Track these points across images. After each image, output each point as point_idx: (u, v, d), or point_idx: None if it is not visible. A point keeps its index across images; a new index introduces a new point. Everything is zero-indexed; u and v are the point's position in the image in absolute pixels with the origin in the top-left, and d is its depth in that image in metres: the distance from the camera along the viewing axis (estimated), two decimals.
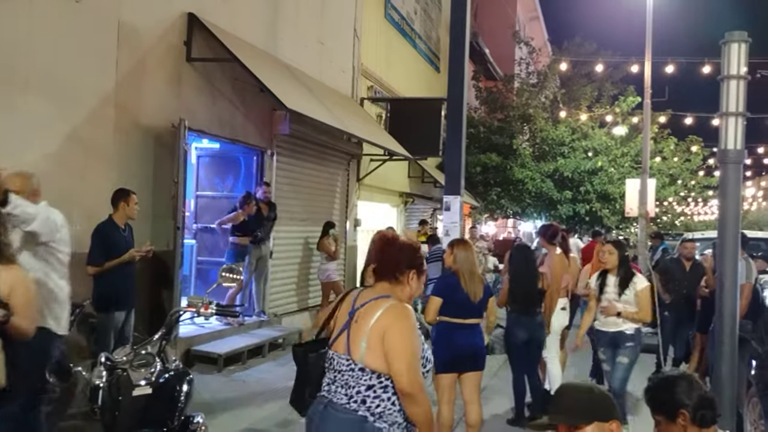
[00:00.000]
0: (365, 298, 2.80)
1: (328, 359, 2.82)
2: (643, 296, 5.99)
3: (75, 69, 6.28)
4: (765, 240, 13.69)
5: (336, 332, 2.82)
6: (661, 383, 2.64)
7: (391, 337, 2.62)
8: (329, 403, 2.74)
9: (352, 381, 2.69)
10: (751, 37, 4.09)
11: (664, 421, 2.57)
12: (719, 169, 4.26)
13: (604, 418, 2.17)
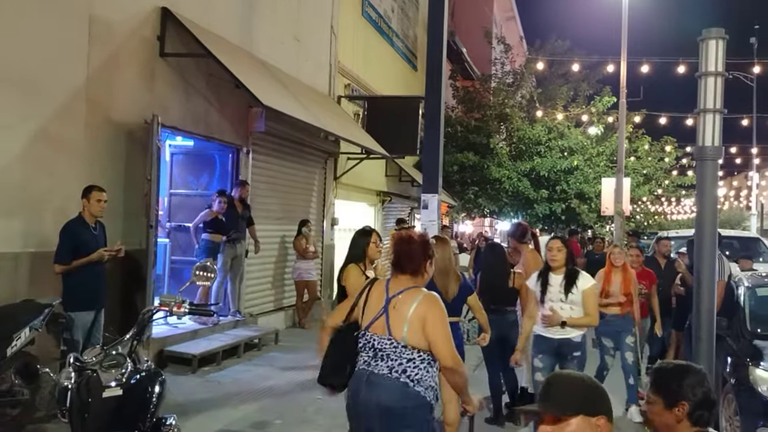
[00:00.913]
0: (396, 288, 3.33)
1: (365, 340, 3.32)
2: (590, 296, 5.26)
3: (44, 64, 6.12)
4: (737, 238, 13.92)
5: (371, 317, 3.32)
6: (675, 369, 2.58)
7: (431, 323, 3.20)
8: (370, 374, 3.26)
9: (394, 356, 3.23)
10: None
11: (660, 405, 2.51)
12: (696, 165, 4.27)
13: (592, 412, 2.06)
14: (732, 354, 5.97)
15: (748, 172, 38.67)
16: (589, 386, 2.14)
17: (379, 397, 3.21)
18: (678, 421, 2.49)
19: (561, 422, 2.04)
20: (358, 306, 3.42)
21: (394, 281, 3.37)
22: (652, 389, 2.57)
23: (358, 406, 3.30)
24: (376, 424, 3.22)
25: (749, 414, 5.25)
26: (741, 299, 6.63)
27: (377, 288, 3.41)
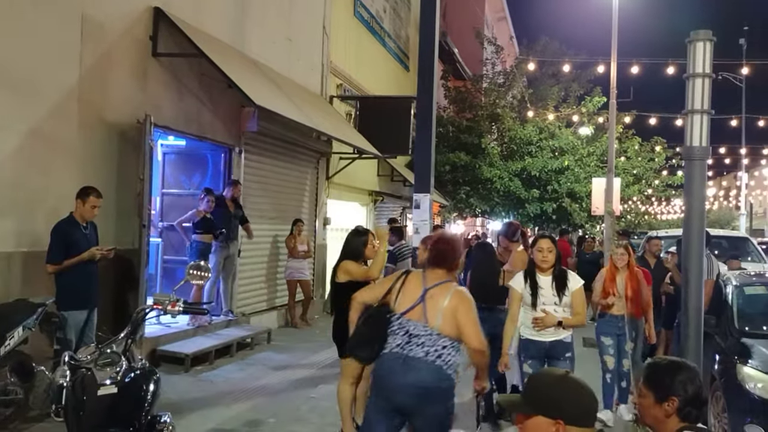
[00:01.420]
0: (432, 281, 3.72)
1: (399, 324, 3.66)
2: (578, 297, 5.19)
3: (37, 63, 6.13)
4: (726, 238, 14.03)
5: (408, 304, 3.68)
6: (668, 365, 2.62)
7: (463, 312, 3.61)
8: (406, 357, 3.59)
9: (429, 342, 3.59)
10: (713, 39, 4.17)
11: (651, 399, 2.55)
12: (684, 165, 4.33)
13: (551, 414, 2.02)
14: (720, 352, 6.03)
15: (737, 172, 38.96)
16: (559, 387, 2.09)
17: (417, 377, 3.54)
18: (667, 416, 2.53)
19: (527, 419, 2.06)
20: (393, 291, 3.76)
21: (431, 274, 3.75)
22: (645, 383, 2.60)
23: (392, 385, 3.59)
24: (411, 401, 3.56)
25: (737, 411, 5.31)
26: (729, 298, 6.70)
27: (414, 278, 3.78)
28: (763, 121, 26.82)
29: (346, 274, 5.16)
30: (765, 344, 5.77)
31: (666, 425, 2.55)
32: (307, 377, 7.58)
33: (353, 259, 5.21)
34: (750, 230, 34.99)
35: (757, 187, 49.35)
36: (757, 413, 5.14)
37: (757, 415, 5.14)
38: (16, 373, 3.17)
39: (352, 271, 5.14)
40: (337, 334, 5.33)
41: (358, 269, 5.15)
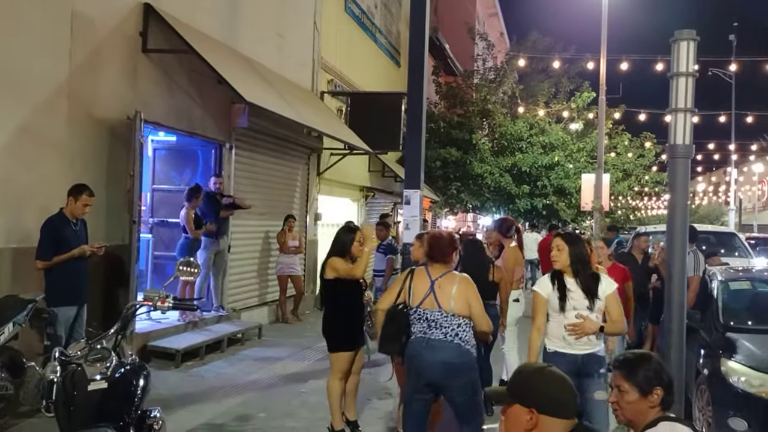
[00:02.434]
0: (437, 273, 4.33)
1: (417, 315, 4.27)
2: (614, 301, 4.44)
3: (26, 59, 6.12)
4: (713, 233, 14.15)
5: (420, 297, 4.28)
6: (641, 357, 2.69)
7: (473, 298, 4.27)
8: (429, 340, 4.20)
9: (446, 324, 4.21)
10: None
11: (635, 394, 2.60)
12: (668, 163, 4.39)
13: (524, 403, 2.09)
14: (705, 346, 6.10)
15: (726, 168, 39.21)
16: (536, 377, 2.15)
17: (442, 356, 4.15)
18: (652, 407, 2.59)
19: (508, 408, 2.14)
20: (404, 290, 4.36)
21: (432, 268, 4.36)
22: (626, 379, 2.64)
23: (421, 366, 4.21)
24: (439, 377, 4.18)
25: (721, 404, 5.38)
26: (714, 292, 6.77)
27: (419, 274, 4.38)
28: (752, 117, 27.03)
29: (333, 271, 5.21)
30: (749, 338, 5.84)
31: (646, 417, 2.61)
32: (298, 372, 7.63)
33: (340, 255, 5.26)
34: (739, 226, 35.24)
35: (746, 183, 49.66)
36: (741, 406, 5.22)
37: (740, 408, 5.22)
38: (7, 369, 3.20)
39: (338, 268, 5.19)
40: (326, 329, 5.37)
41: (343, 267, 5.20)
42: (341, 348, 5.27)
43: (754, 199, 47.84)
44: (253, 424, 5.72)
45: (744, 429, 5.11)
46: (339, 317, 5.30)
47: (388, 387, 6.45)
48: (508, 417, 2.11)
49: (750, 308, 6.77)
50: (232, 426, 5.68)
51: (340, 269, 5.19)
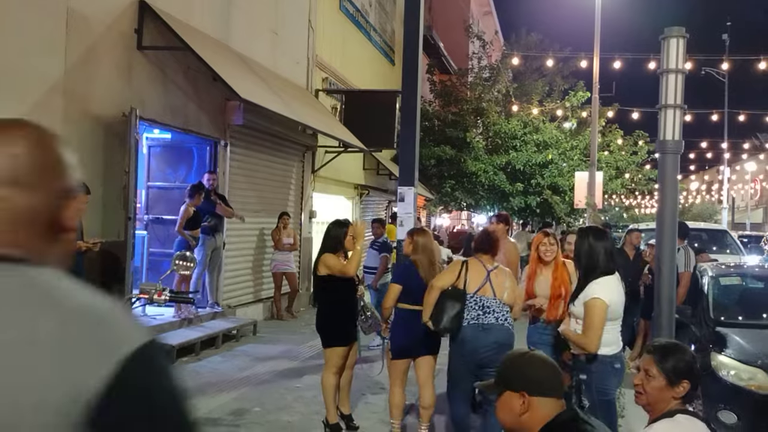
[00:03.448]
0: (490, 265, 4.90)
1: (474, 300, 4.75)
2: (590, 309, 4.12)
3: (22, 57, 6.14)
4: (705, 230, 14.25)
5: (477, 285, 4.77)
6: (680, 347, 2.73)
7: (516, 290, 4.96)
8: (483, 324, 4.70)
9: (498, 310, 4.76)
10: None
11: (663, 382, 2.63)
12: (658, 158, 4.46)
13: (515, 388, 2.15)
14: (696, 341, 6.18)
15: (719, 166, 39.41)
16: (523, 363, 2.22)
17: (495, 337, 4.67)
18: (676, 398, 2.62)
19: (500, 396, 2.21)
20: (461, 276, 4.79)
21: (485, 259, 4.90)
22: (656, 365, 2.65)
23: (477, 347, 4.69)
24: (491, 356, 4.55)
25: (711, 398, 5.45)
26: (705, 288, 6.85)
27: (474, 264, 4.89)
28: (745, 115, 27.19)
29: (325, 267, 5.24)
30: (739, 333, 5.92)
31: (667, 405, 2.63)
32: (293, 368, 7.67)
33: (332, 251, 5.30)
34: (732, 224, 35.46)
35: (739, 181, 49.91)
36: (730, 400, 5.30)
37: (730, 401, 5.30)
38: None
39: (330, 265, 5.21)
40: (320, 324, 5.42)
41: (336, 263, 5.22)
42: (335, 343, 5.32)
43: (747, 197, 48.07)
44: (249, 418, 5.77)
45: (734, 422, 5.20)
46: (332, 313, 5.35)
47: (381, 381, 6.50)
48: (501, 405, 2.18)
49: (740, 303, 6.86)
50: (228, 420, 5.72)
51: (332, 266, 5.21)
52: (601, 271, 4.15)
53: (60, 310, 1.02)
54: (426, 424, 5.15)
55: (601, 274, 4.14)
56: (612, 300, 4.16)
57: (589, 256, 4.21)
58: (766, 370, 5.27)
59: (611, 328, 4.26)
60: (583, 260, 4.25)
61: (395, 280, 5.20)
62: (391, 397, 5.16)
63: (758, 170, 47.14)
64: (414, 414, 5.64)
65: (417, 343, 5.04)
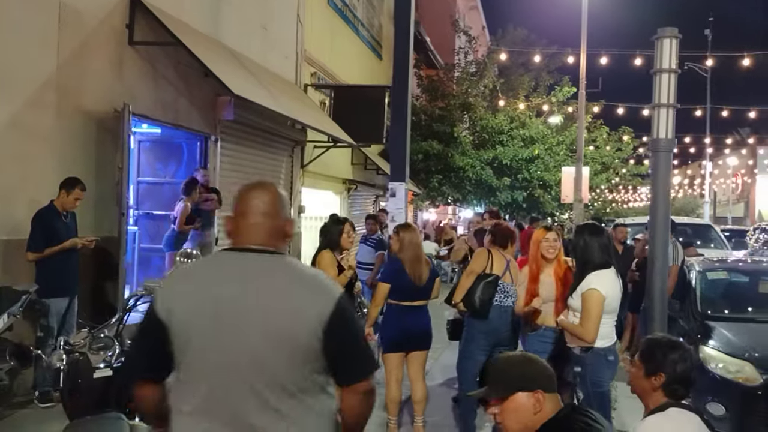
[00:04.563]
0: (508, 256, 5.48)
1: (497, 285, 5.23)
2: (586, 300, 4.24)
3: (15, 52, 6.11)
4: (690, 225, 14.45)
5: (500, 272, 5.28)
6: (664, 342, 2.84)
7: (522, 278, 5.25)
8: (503, 307, 5.22)
9: (514, 295, 5.24)
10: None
11: (642, 372, 2.77)
12: (651, 156, 4.55)
13: (529, 388, 2.20)
14: (684, 334, 6.30)
15: (701, 161, 39.86)
16: (524, 364, 2.28)
17: (510, 318, 5.23)
18: (653, 390, 2.75)
19: (504, 401, 2.21)
20: (488, 264, 5.30)
21: (504, 251, 5.44)
22: (639, 356, 2.82)
23: (499, 328, 5.22)
24: (508, 335, 5.28)
25: (700, 390, 5.53)
26: (692, 282, 6.99)
27: (496, 254, 5.39)
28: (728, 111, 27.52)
29: (322, 268, 5.22)
30: (726, 326, 6.05)
31: (652, 397, 2.76)
32: None
33: (330, 247, 5.34)
34: (713, 218, 35.90)
35: (721, 176, 50.51)
36: (719, 392, 5.42)
37: (718, 393, 5.42)
38: (15, 358, 3.27)
39: (326, 269, 5.15)
40: None
41: (331, 270, 5.20)
42: None
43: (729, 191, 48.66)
44: None
45: (722, 413, 5.31)
46: None
47: (375, 376, 6.54)
48: (512, 409, 2.18)
49: (727, 297, 7.00)
50: None
51: (327, 271, 5.14)
52: (597, 265, 4.25)
53: (302, 273, 2.16)
54: (420, 417, 5.23)
55: (597, 268, 4.24)
56: (608, 293, 4.28)
57: (585, 251, 4.32)
58: (753, 363, 5.39)
59: (606, 321, 4.37)
60: (579, 255, 4.36)
61: (384, 280, 5.18)
62: (388, 392, 5.21)
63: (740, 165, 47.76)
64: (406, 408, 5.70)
65: (408, 338, 5.10)
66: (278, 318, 1.99)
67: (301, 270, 2.16)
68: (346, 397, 2.14)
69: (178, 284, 2.17)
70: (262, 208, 2.16)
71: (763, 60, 19.24)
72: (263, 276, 2.08)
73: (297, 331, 1.99)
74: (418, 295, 5.15)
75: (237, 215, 2.20)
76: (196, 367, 2.02)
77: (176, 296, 2.08)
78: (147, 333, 2.15)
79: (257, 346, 1.98)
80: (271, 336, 1.98)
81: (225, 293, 2.02)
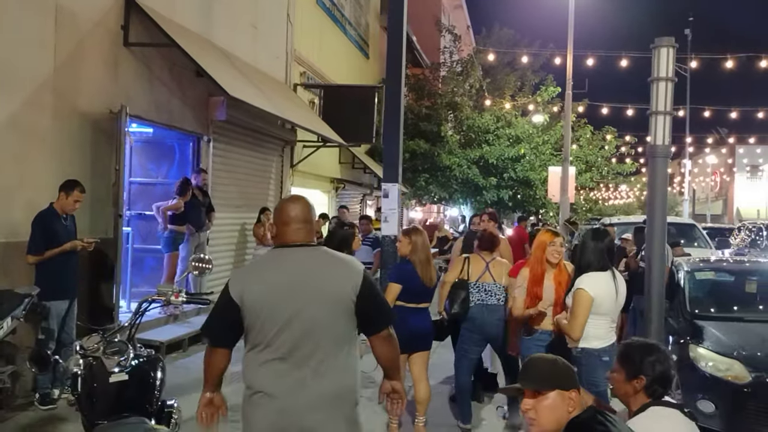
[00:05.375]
0: (488, 258, 5.78)
1: (476, 287, 5.63)
2: (574, 302, 4.43)
3: (13, 54, 6.10)
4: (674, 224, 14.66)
5: (479, 273, 5.67)
6: (641, 346, 2.97)
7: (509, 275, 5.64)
8: (487, 305, 5.60)
9: (498, 293, 5.63)
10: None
11: (623, 376, 2.90)
12: (648, 162, 4.67)
13: (566, 387, 2.40)
14: (674, 333, 6.43)
15: (681, 159, 40.41)
16: (561, 366, 2.48)
17: (497, 315, 5.58)
18: (635, 392, 2.87)
19: (540, 396, 2.38)
20: (463, 270, 5.71)
21: (484, 255, 5.80)
22: (618, 361, 2.95)
23: (484, 324, 5.59)
24: (496, 330, 5.61)
25: (690, 388, 5.69)
26: (681, 282, 7.12)
27: (474, 259, 5.79)
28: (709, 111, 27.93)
29: None
30: (715, 326, 6.18)
31: (635, 399, 2.89)
32: None
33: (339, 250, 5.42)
34: (693, 215, 36.42)
35: (701, 174, 51.22)
36: (709, 390, 5.54)
37: (708, 391, 5.54)
38: (35, 363, 3.30)
39: None
40: None
41: None
42: None
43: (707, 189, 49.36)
44: None
45: (712, 410, 5.45)
46: None
47: (372, 376, 6.63)
48: (546, 406, 2.35)
49: (716, 297, 7.14)
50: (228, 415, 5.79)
51: None
52: (595, 269, 4.37)
53: (337, 256, 2.94)
54: (422, 417, 5.32)
55: (595, 271, 4.36)
56: (598, 294, 4.41)
57: (584, 254, 4.44)
58: (742, 361, 5.53)
59: (600, 323, 4.49)
60: (579, 257, 4.50)
61: (395, 280, 5.26)
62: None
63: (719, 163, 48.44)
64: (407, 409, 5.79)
65: (412, 339, 5.18)
66: (327, 289, 2.79)
67: (335, 254, 2.97)
68: (375, 344, 2.94)
69: (247, 275, 2.99)
70: (301, 216, 2.91)
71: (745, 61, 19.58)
72: (311, 261, 2.86)
73: (340, 296, 2.79)
74: (425, 297, 5.26)
75: (281, 224, 2.93)
76: (269, 329, 2.77)
77: (246, 284, 2.83)
78: (223, 312, 2.89)
79: (315, 309, 2.76)
80: (324, 301, 2.78)
81: (287, 276, 2.81)
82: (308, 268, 2.84)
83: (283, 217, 2.91)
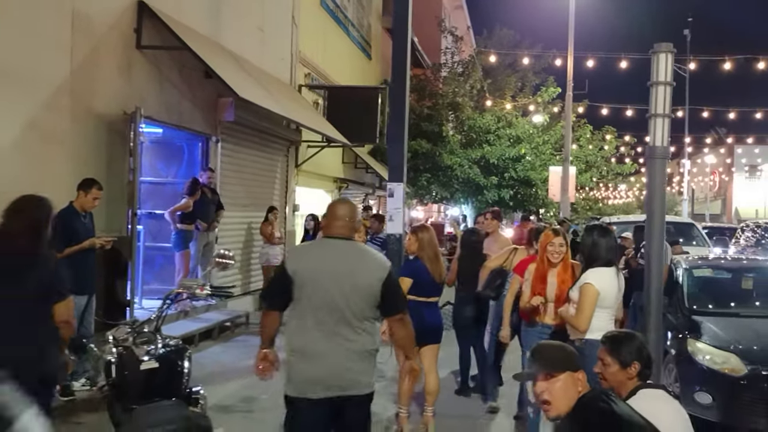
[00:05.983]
0: (532, 251, 5.77)
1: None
2: (581, 295, 4.54)
3: (32, 58, 6.30)
4: (673, 223, 14.85)
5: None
6: (625, 336, 3.23)
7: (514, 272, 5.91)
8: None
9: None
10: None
11: (617, 367, 3.11)
12: (647, 163, 4.87)
13: (574, 368, 2.65)
14: (672, 328, 6.62)
15: (680, 159, 40.62)
16: (568, 350, 2.76)
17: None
18: (629, 378, 3.12)
19: (552, 378, 2.59)
20: (508, 260, 6.21)
21: (528, 248, 6.01)
22: (609, 354, 3.16)
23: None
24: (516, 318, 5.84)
25: (688, 381, 5.89)
26: (680, 279, 7.32)
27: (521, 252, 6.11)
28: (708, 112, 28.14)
29: None
30: (712, 321, 6.39)
31: (627, 386, 3.13)
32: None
33: None
34: (692, 215, 36.64)
35: (700, 174, 51.44)
36: (706, 382, 5.74)
37: (705, 383, 5.74)
38: (74, 351, 3.52)
39: None
40: None
41: None
42: None
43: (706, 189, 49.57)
44: (260, 405, 6.07)
45: (709, 402, 5.65)
46: None
47: (382, 369, 6.82)
48: (559, 387, 2.58)
49: (713, 293, 7.34)
50: (240, 407, 6.02)
51: None
52: (602, 264, 4.57)
53: (369, 251, 3.71)
54: (431, 408, 5.52)
55: (601, 266, 4.56)
56: (603, 288, 4.59)
57: (592, 250, 4.64)
58: (738, 355, 5.73)
59: (603, 315, 4.69)
60: (586, 253, 4.68)
61: (406, 275, 5.45)
62: (401, 384, 5.48)
63: (718, 163, 48.63)
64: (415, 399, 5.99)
65: (424, 332, 5.37)
66: (359, 276, 3.45)
67: (367, 249, 3.72)
68: (391, 324, 3.69)
69: (301, 255, 3.71)
70: (345, 215, 3.61)
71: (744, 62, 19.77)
72: (350, 253, 3.54)
73: (369, 282, 3.46)
74: (435, 292, 5.48)
75: (331, 219, 3.63)
76: (308, 303, 3.42)
77: (299, 261, 3.52)
78: (279, 281, 3.56)
79: (347, 291, 3.41)
80: (355, 286, 3.43)
81: (329, 261, 3.47)
82: (347, 258, 3.50)
83: (332, 213, 3.64)
